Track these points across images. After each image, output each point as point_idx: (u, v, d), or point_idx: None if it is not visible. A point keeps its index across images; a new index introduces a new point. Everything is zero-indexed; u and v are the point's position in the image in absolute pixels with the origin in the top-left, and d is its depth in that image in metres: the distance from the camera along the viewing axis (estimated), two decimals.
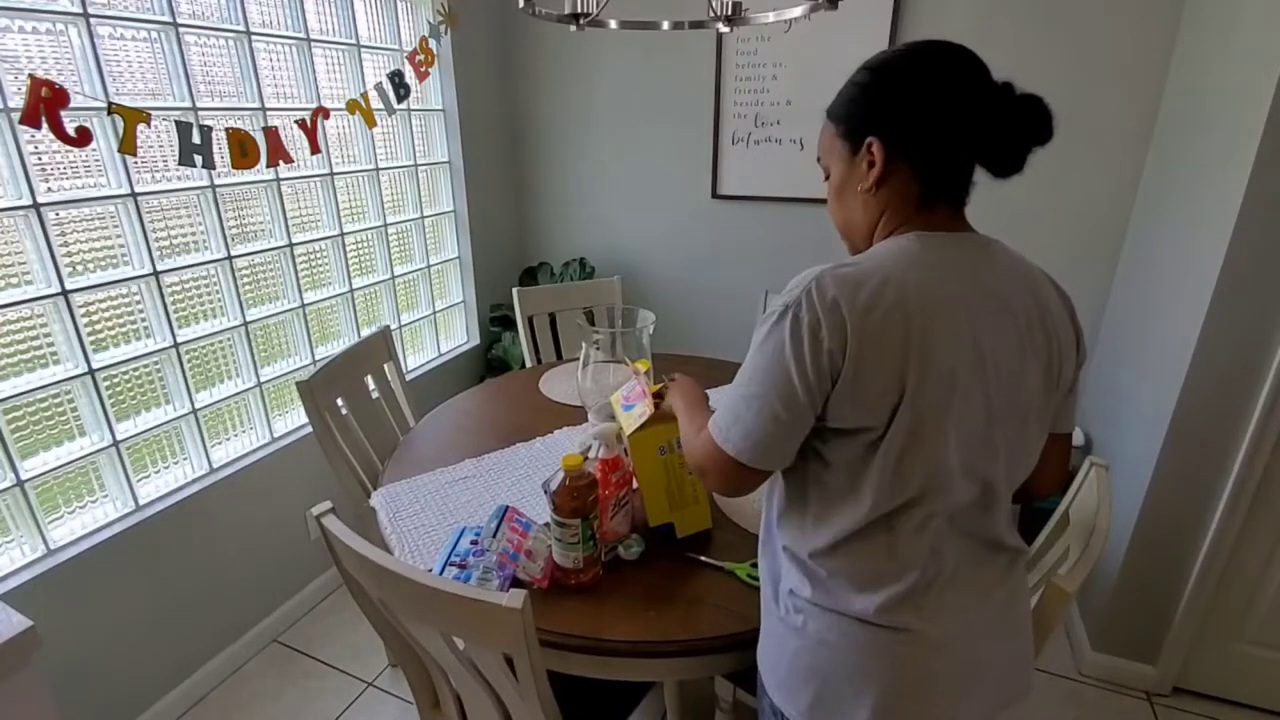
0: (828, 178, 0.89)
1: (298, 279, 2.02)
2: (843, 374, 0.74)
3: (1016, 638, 0.89)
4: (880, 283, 0.74)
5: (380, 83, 2.05)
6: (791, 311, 0.76)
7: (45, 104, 1.26)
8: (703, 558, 1.14)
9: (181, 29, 1.63)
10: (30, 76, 1.25)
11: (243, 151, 1.65)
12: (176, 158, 1.54)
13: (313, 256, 2.10)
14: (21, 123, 1.26)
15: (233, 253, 1.82)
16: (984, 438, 0.79)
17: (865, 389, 0.74)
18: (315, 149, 1.92)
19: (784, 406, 0.77)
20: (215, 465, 1.85)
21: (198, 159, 1.56)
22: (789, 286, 0.78)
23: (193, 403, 1.78)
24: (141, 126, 1.43)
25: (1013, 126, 0.77)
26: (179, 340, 1.72)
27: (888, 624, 0.79)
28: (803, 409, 0.77)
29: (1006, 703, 0.88)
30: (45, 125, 1.26)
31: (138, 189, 1.58)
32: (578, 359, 1.46)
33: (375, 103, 2.03)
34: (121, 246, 1.60)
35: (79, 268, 1.52)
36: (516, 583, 1.06)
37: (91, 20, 1.45)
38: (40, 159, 1.43)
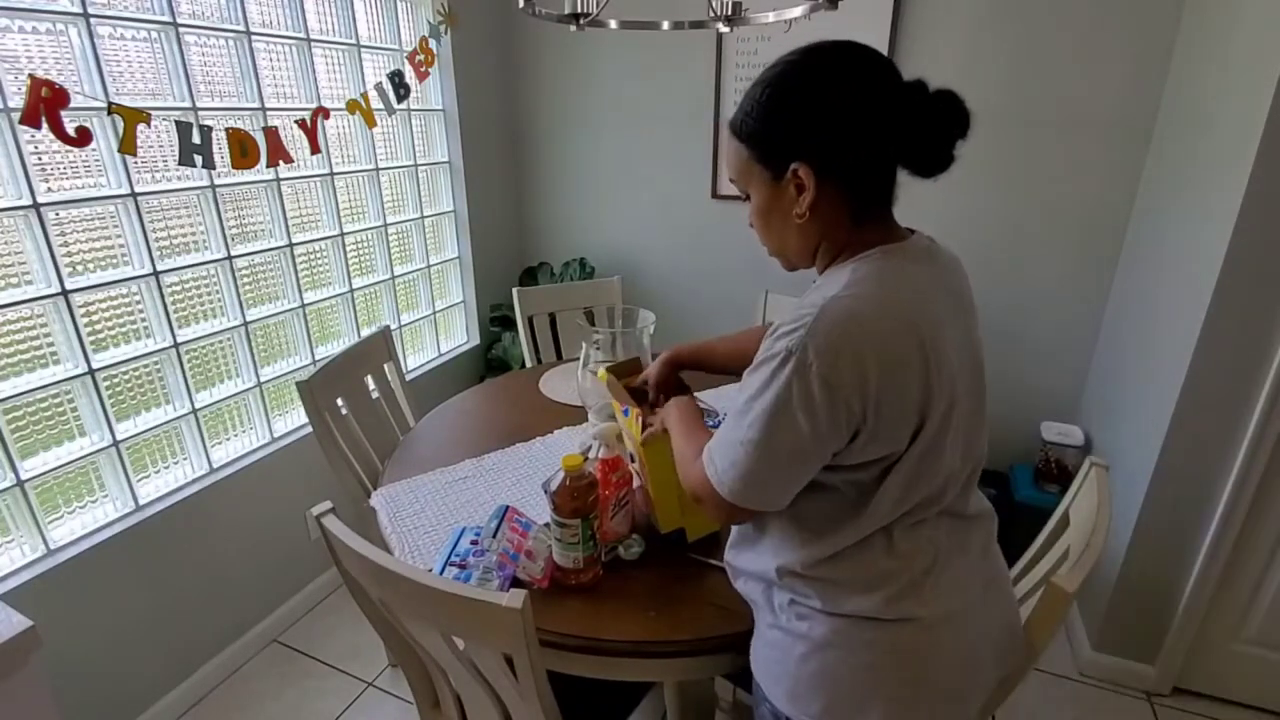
0: (746, 198, 0.84)
1: (298, 279, 2.02)
2: (866, 416, 0.71)
3: (1005, 597, 0.92)
4: (881, 313, 0.71)
5: (380, 83, 2.05)
6: (796, 357, 0.70)
7: (45, 104, 1.26)
8: (703, 558, 1.14)
9: (181, 29, 1.62)
10: (30, 76, 1.25)
11: (243, 151, 1.65)
12: (176, 158, 1.54)
13: (313, 256, 2.10)
14: (21, 123, 1.26)
15: (233, 253, 1.82)
16: (975, 431, 0.82)
17: (891, 423, 0.72)
18: (315, 149, 1.92)
19: (789, 456, 0.74)
20: (215, 465, 1.85)
21: (198, 159, 1.56)
22: (785, 325, 0.73)
23: (193, 403, 1.78)
24: (141, 126, 1.43)
25: (936, 124, 0.74)
26: (179, 340, 1.72)
27: (894, 616, 0.79)
28: (809, 456, 0.75)
29: (1006, 663, 0.91)
30: (45, 125, 1.26)
31: (138, 189, 1.58)
32: (578, 359, 1.46)
33: (375, 103, 2.03)
34: (121, 246, 1.60)
35: (79, 268, 1.52)
36: (516, 583, 1.06)
37: (91, 20, 1.45)
38: (40, 159, 1.43)
